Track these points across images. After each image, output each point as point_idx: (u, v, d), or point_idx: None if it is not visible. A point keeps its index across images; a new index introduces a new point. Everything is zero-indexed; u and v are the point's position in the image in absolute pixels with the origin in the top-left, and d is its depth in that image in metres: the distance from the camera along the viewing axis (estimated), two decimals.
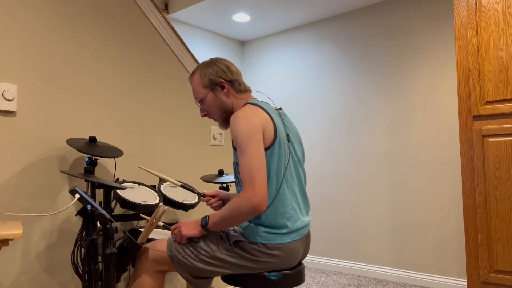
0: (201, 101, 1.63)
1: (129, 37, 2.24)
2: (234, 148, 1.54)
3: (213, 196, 1.80)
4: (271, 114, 1.51)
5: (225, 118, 1.63)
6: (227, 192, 1.81)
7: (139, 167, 1.92)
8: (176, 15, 3.96)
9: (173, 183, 1.83)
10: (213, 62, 1.62)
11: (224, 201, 1.79)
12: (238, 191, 1.61)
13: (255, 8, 3.80)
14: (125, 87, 2.20)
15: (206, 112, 1.66)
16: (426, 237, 3.31)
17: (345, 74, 3.89)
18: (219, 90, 1.60)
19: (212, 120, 2.63)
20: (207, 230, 1.49)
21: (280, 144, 1.49)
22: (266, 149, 1.46)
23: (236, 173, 1.59)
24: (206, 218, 1.49)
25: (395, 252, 3.47)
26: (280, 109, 1.65)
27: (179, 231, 1.52)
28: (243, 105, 1.56)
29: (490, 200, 2.21)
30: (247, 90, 1.64)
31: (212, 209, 1.77)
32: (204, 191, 1.80)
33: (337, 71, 3.95)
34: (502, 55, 2.21)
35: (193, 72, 1.65)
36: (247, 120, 1.45)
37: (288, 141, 1.54)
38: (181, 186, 1.83)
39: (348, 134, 3.83)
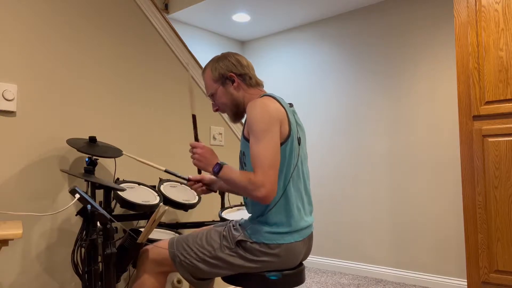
0: (212, 96, 1.64)
1: (129, 37, 2.24)
2: (245, 138, 1.53)
3: (198, 181, 1.79)
4: (287, 110, 1.51)
5: (236, 112, 1.63)
6: (211, 177, 1.79)
7: (125, 154, 1.91)
8: (176, 15, 3.96)
9: (158, 168, 1.81)
10: (224, 56, 1.63)
11: (208, 186, 1.79)
12: None
13: (255, 8, 3.80)
14: (125, 87, 2.19)
15: (217, 107, 1.66)
16: (426, 237, 3.31)
17: (345, 74, 3.89)
18: (229, 84, 1.60)
19: (212, 120, 2.63)
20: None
21: (293, 143, 1.49)
22: (280, 145, 1.45)
23: (242, 163, 1.58)
24: (219, 167, 1.48)
25: (395, 252, 3.47)
26: (291, 105, 1.64)
27: (194, 153, 1.53)
28: (261, 97, 1.55)
29: (490, 200, 2.21)
30: (258, 84, 1.63)
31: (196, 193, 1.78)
32: (189, 176, 1.78)
33: (337, 71, 3.95)
34: (502, 55, 2.21)
35: (205, 67, 1.66)
36: (266, 109, 1.44)
37: (299, 144, 1.54)
38: (165, 171, 1.81)
39: (348, 134, 3.83)
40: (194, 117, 1.66)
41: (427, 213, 3.31)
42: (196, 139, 1.63)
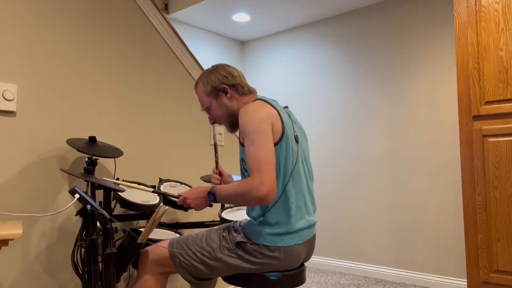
0: (207, 109, 1.65)
1: (129, 37, 2.23)
2: (241, 144, 1.54)
3: (219, 174, 1.79)
4: (279, 111, 1.52)
5: (232, 122, 1.64)
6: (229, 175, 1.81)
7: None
8: (176, 15, 3.96)
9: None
10: (214, 69, 1.64)
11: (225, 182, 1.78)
12: None
13: (255, 8, 3.80)
14: (125, 87, 2.19)
15: (214, 120, 1.67)
16: (426, 237, 3.31)
17: (345, 74, 3.89)
18: (223, 95, 1.61)
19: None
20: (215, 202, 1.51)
21: (288, 141, 1.49)
22: (274, 144, 1.46)
23: (242, 170, 1.59)
24: (212, 195, 1.48)
25: (395, 252, 3.47)
26: (286, 107, 1.65)
27: (188, 205, 1.54)
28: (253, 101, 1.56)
29: (490, 200, 2.21)
30: (251, 92, 1.65)
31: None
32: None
33: (337, 71, 3.95)
34: (502, 55, 2.21)
35: (197, 82, 1.67)
36: (256, 112, 1.46)
37: (297, 142, 1.54)
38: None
39: (348, 134, 3.83)
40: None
41: (427, 213, 3.31)
42: (176, 197, 1.63)
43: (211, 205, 1.73)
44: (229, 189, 1.45)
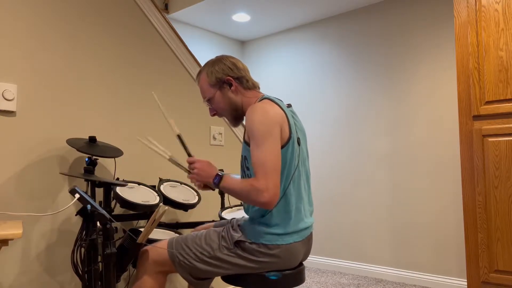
0: (209, 101, 1.61)
1: (129, 37, 2.24)
2: (245, 142, 1.52)
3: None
4: (287, 113, 1.50)
5: (235, 116, 1.61)
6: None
7: (138, 139, 1.82)
8: (176, 15, 3.96)
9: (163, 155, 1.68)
10: (219, 60, 1.60)
11: None
12: None
13: (255, 8, 3.80)
14: (125, 86, 2.20)
15: (215, 112, 1.63)
16: (426, 237, 3.31)
17: (345, 74, 3.89)
18: (227, 88, 1.58)
19: (212, 120, 2.63)
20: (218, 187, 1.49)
21: (293, 145, 1.48)
22: (281, 148, 1.45)
23: (243, 168, 1.58)
24: (219, 178, 1.46)
25: (395, 252, 3.47)
26: (290, 105, 1.63)
27: (192, 168, 1.51)
28: (260, 100, 1.53)
29: (490, 200, 2.21)
30: (255, 87, 1.62)
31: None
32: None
33: (337, 71, 3.95)
34: (502, 55, 2.21)
35: (200, 72, 1.63)
36: (266, 113, 1.43)
37: (299, 145, 1.53)
38: (169, 159, 1.67)
39: (348, 134, 3.83)
40: (179, 137, 1.62)
41: (427, 213, 3.31)
42: (190, 155, 1.59)
43: (212, 189, 1.69)
44: (235, 184, 1.44)
